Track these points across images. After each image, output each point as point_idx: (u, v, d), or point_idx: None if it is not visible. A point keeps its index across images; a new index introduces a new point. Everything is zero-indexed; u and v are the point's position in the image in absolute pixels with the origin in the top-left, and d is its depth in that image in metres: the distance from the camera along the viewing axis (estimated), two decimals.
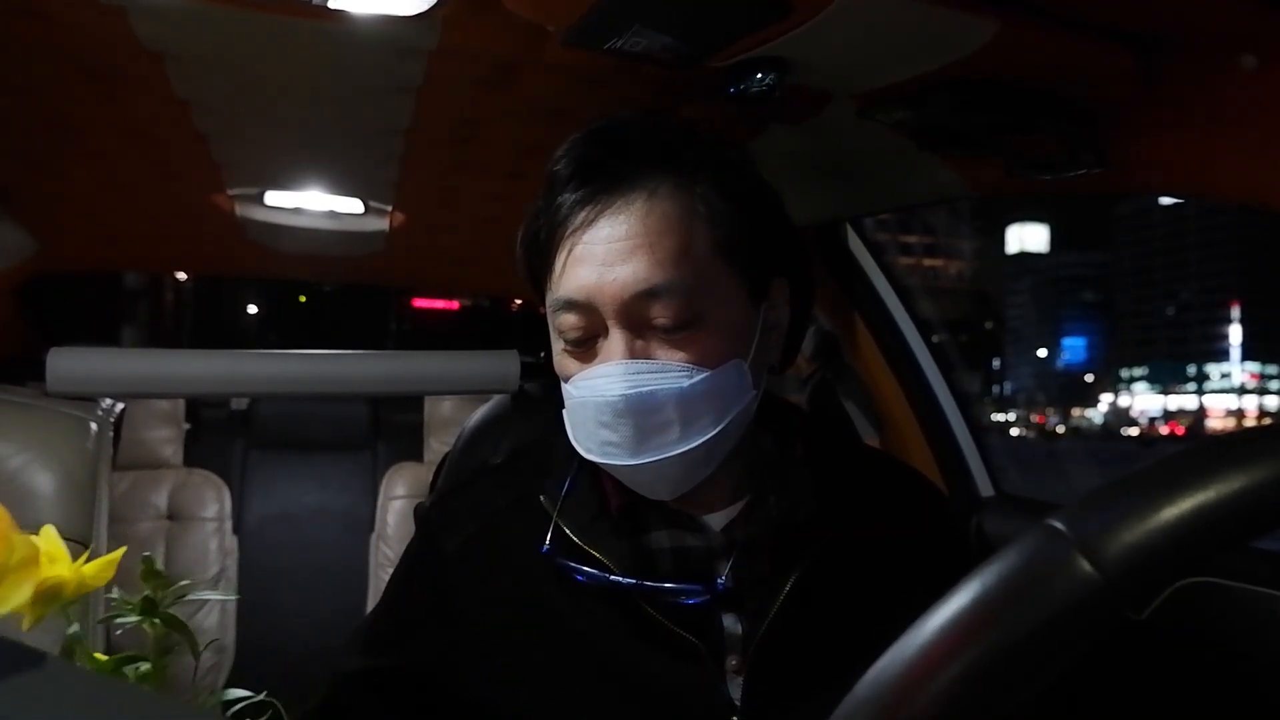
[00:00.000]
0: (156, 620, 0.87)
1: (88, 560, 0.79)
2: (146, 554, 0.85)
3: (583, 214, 1.13)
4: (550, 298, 1.17)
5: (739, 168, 1.21)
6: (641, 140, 1.17)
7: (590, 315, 1.12)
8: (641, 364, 1.10)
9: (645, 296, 1.09)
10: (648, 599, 1.17)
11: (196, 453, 3.69)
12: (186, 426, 3.68)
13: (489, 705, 1.20)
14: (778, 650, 1.17)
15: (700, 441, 1.11)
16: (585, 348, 1.15)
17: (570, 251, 1.13)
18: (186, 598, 0.88)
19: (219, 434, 3.96)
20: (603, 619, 1.19)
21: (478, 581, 1.24)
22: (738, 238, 1.15)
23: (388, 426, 4.12)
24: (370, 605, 2.99)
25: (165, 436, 3.57)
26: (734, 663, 1.18)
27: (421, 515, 1.35)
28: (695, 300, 1.11)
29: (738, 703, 1.16)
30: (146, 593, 0.85)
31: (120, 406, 1.86)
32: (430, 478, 2.37)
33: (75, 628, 0.76)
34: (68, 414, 1.67)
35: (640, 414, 1.09)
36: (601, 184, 1.13)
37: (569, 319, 1.14)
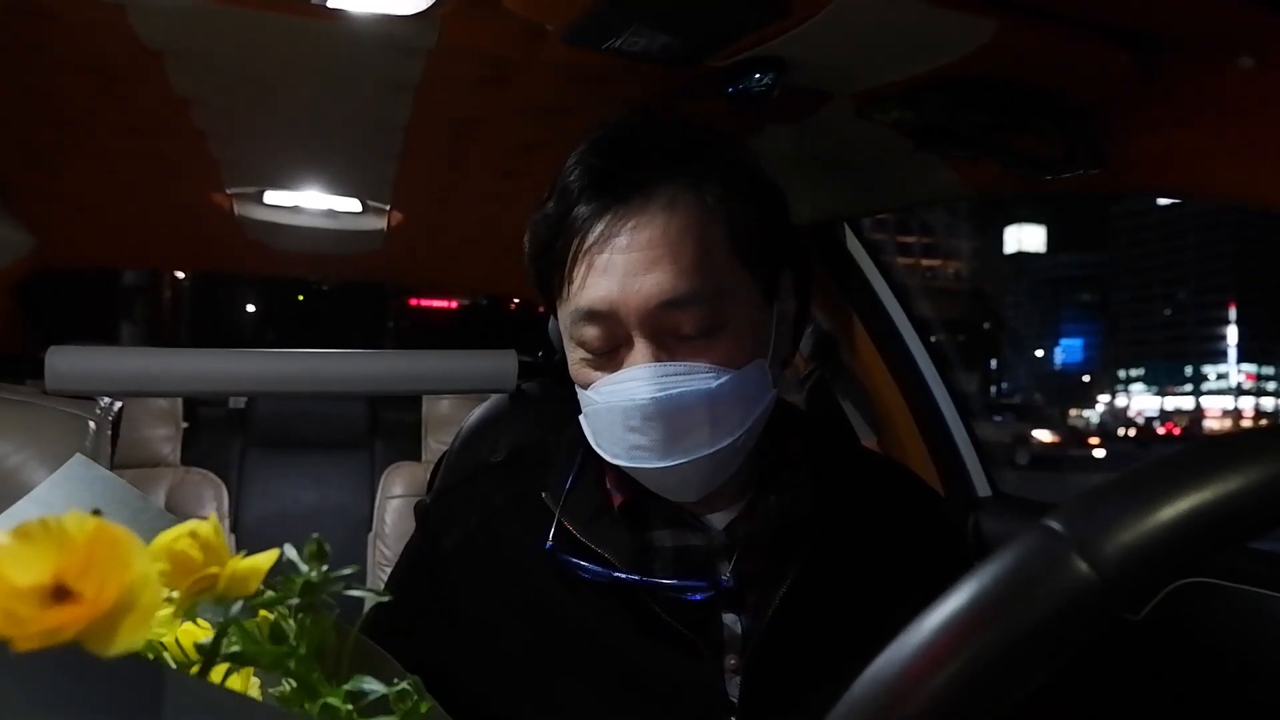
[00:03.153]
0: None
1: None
2: (316, 535, 0.82)
3: (600, 226, 1.12)
4: (568, 309, 1.17)
5: (746, 165, 1.21)
6: (651, 147, 1.18)
7: (612, 326, 1.13)
8: (669, 366, 1.11)
9: (669, 306, 1.10)
10: (650, 595, 1.17)
11: (194, 451, 3.68)
12: (184, 425, 3.67)
13: (488, 701, 1.20)
14: (776, 650, 1.17)
15: (728, 442, 1.12)
16: (604, 358, 1.15)
17: (590, 264, 1.13)
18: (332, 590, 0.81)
19: (217, 433, 3.96)
20: (604, 615, 1.19)
21: (477, 578, 1.24)
22: (750, 236, 1.16)
23: (385, 425, 4.12)
24: (368, 604, 2.99)
25: (163, 435, 3.56)
26: (732, 662, 1.18)
27: (421, 512, 1.36)
28: (718, 306, 1.12)
29: (735, 701, 1.16)
30: (308, 576, 0.77)
31: (118, 405, 1.86)
32: (428, 477, 2.37)
33: (239, 606, 0.70)
34: (66, 412, 1.67)
35: (671, 416, 1.10)
36: (618, 194, 1.13)
37: (590, 331, 1.14)
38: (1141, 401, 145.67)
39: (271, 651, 0.67)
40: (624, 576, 1.17)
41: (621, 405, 1.12)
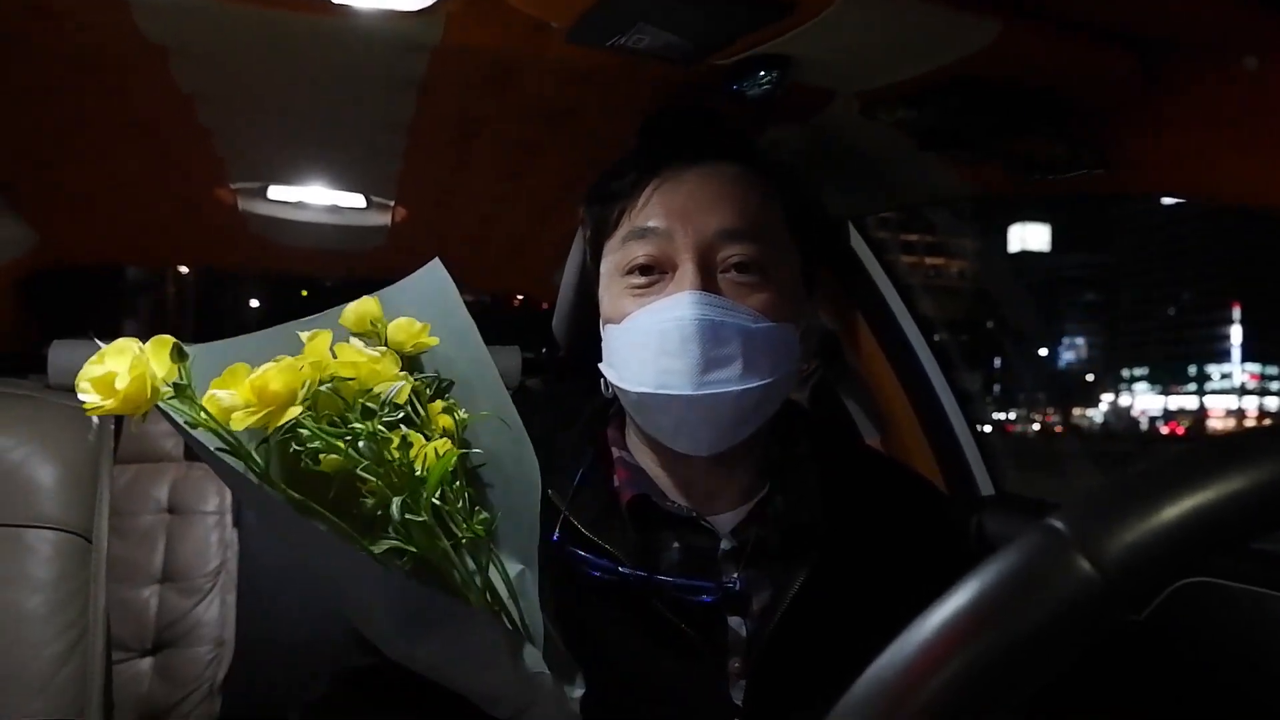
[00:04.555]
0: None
1: None
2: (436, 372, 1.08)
3: (675, 164, 1.21)
4: (621, 234, 1.23)
5: (801, 175, 1.34)
6: (729, 126, 1.32)
7: (665, 246, 1.18)
8: (712, 297, 1.15)
9: (723, 236, 1.16)
10: (656, 595, 1.17)
11: None
12: None
13: None
14: (781, 653, 1.17)
15: (756, 385, 1.14)
16: (649, 280, 1.19)
17: (658, 188, 1.20)
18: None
19: None
20: (609, 614, 1.19)
21: None
22: (803, 219, 1.25)
23: None
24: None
25: (166, 430, 3.54)
26: (737, 665, 1.18)
27: None
28: (767, 252, 1.18)
29: (740, 704, 1.16)
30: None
31: None
32: None
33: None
34: (69, 407, 1.67)
35: (708, 342, 1.12)
36: (695, 147, 1.23)
37: (639, 247, 1.19)
38: (1145, 401, 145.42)
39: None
40: (630, 573, 1.17)
41: (660, 327, 1.14)
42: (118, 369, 0.88)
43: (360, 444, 0.92)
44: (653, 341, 1.14)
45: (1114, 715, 1.66)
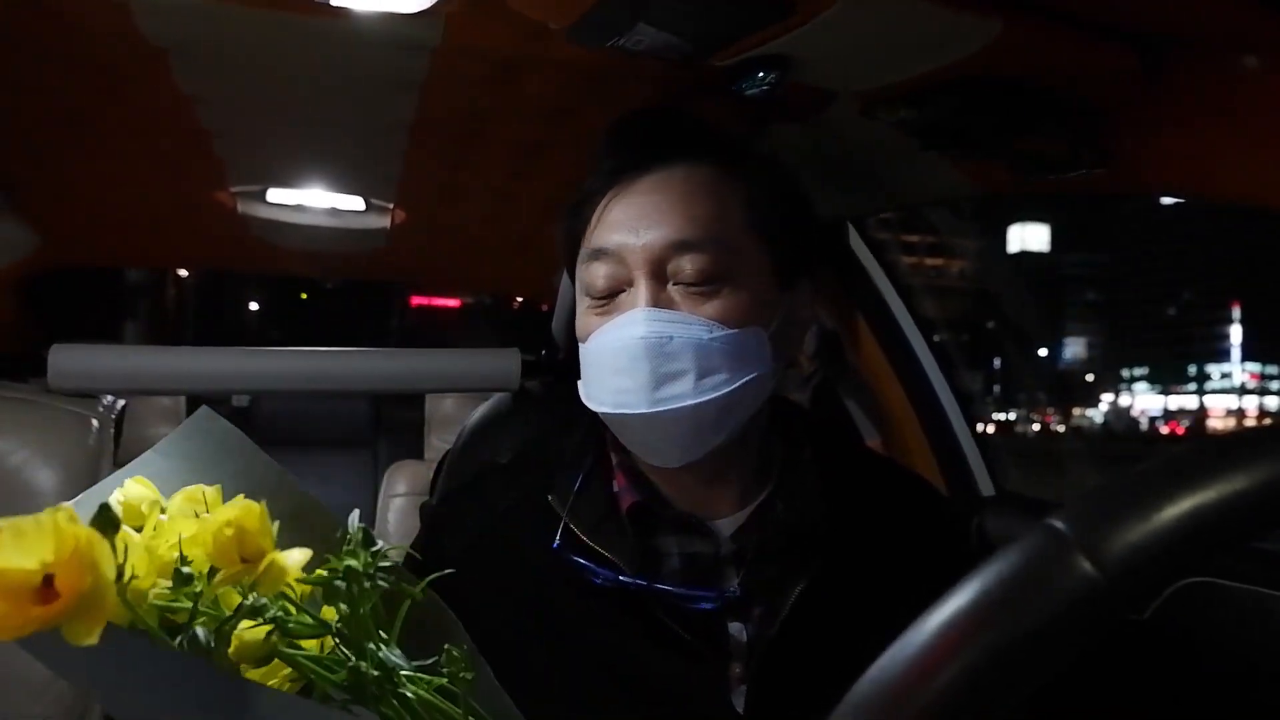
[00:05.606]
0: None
1: None
2: (361, 525, 0.84)
3: (624, 177, 1.19)
4: (581, 255, 1.21)
5: (774, 165, 1.28)
6: (686, 124, 1.27)
7: (618, 266, 1.16)
8: (664, 312, 1.13)
9: (674, 249, 1.14)
10: (656, 601, 1.16)
11: None
12: None
13: None
14: (782, 659, 1.16)
15: (713, 396, 1.12)
16: (608, 301, 1.18)
17: (607, 207, 1.19)
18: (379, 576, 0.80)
19: None
20: (610, 621, 1.18)
21: (483, 580, 1.23)
22: (769, 221, 1.20)
23: (389, 424, 4.13)
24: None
25: (167, 433, 3.55)
26: (738, 670, 1.17)
27: (427, 513, 1.35)
28: (722, 259, 1.15)
29: (741, 710, 1.16)
30: (354, 560, 0.78)
31: (122, 403, 1.85)
32: (431, 476, 2.37)
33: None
34: (69, 410, 1.67)
35: (656, 358, 1.11)
36: (646, 153, 1.20)
37: (597, 269, 1.18)
38: (1145, 401, 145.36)
39: (310, 627, 0.76)
40: (630, 581, 1.16)
41: (613, 346, 1.14)
42: (34, 559, 0.57)
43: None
44: (608, 361, 1.14)
45: (1114, 715, 1.66)
